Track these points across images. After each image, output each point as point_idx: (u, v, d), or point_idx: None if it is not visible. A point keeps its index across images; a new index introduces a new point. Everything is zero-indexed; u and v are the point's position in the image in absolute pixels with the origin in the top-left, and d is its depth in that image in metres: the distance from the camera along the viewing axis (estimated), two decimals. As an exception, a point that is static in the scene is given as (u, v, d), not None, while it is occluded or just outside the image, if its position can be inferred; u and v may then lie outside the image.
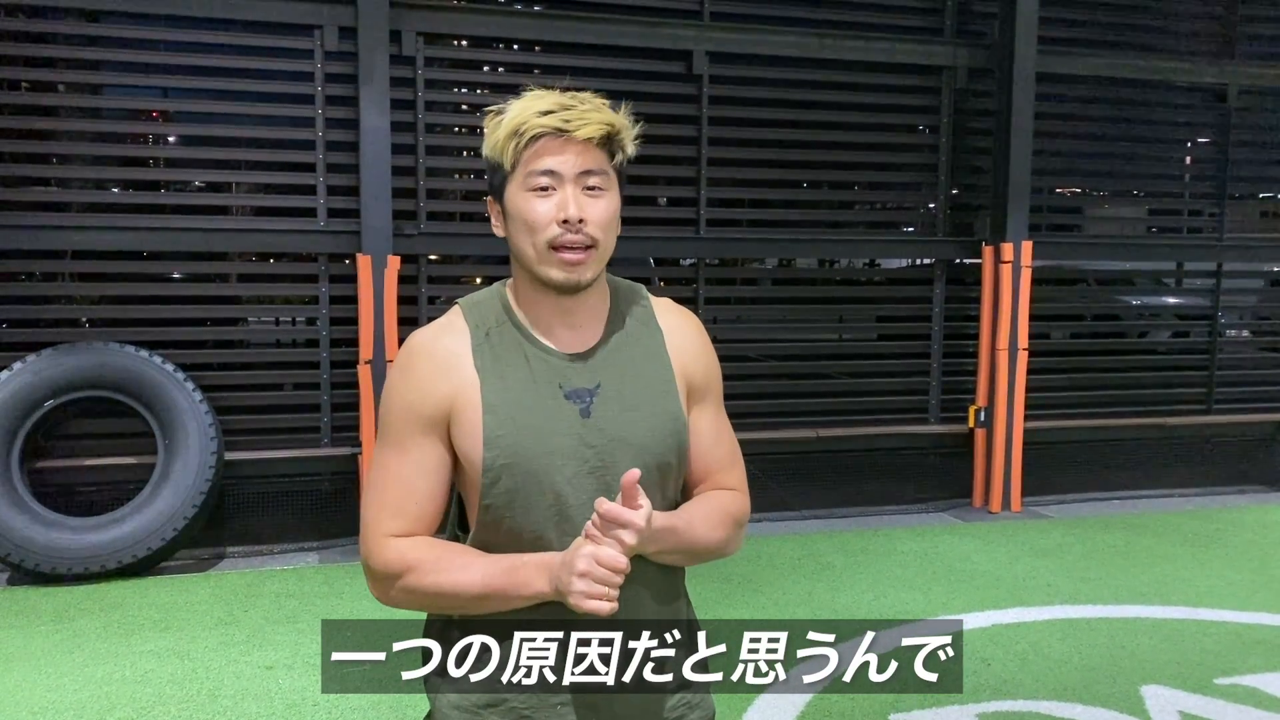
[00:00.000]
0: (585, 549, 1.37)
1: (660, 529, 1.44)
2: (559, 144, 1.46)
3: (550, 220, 1.46)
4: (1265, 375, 7.78)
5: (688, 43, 6.28)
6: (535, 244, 1.48)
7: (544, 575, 1.42)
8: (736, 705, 3.63)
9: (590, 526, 1.39)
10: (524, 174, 1.47)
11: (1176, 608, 4.88)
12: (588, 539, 1.39)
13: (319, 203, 5.79)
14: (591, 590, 1.35)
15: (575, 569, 1.36)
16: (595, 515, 1.38)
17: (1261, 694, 3.91)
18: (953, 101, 6.81)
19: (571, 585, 1.36)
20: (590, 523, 1.39)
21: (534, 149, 1.46)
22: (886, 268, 7.81)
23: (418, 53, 5.83)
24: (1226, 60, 7.31)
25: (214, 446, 5.30)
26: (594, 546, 1.37)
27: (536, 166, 1.46)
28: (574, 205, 1.46)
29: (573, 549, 1.39)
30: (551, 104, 1.47)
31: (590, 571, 1.35)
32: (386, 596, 1.51)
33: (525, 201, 1.48)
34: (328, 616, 4.34)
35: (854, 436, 6.71)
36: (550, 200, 1.47)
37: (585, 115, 1.46)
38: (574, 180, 1.47)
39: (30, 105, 5.65)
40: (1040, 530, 6.26)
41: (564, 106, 1.46)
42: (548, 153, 1.46)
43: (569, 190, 1.47)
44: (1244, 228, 7.75)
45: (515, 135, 1.46)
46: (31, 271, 5.74)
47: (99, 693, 3.85)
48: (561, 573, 1.39)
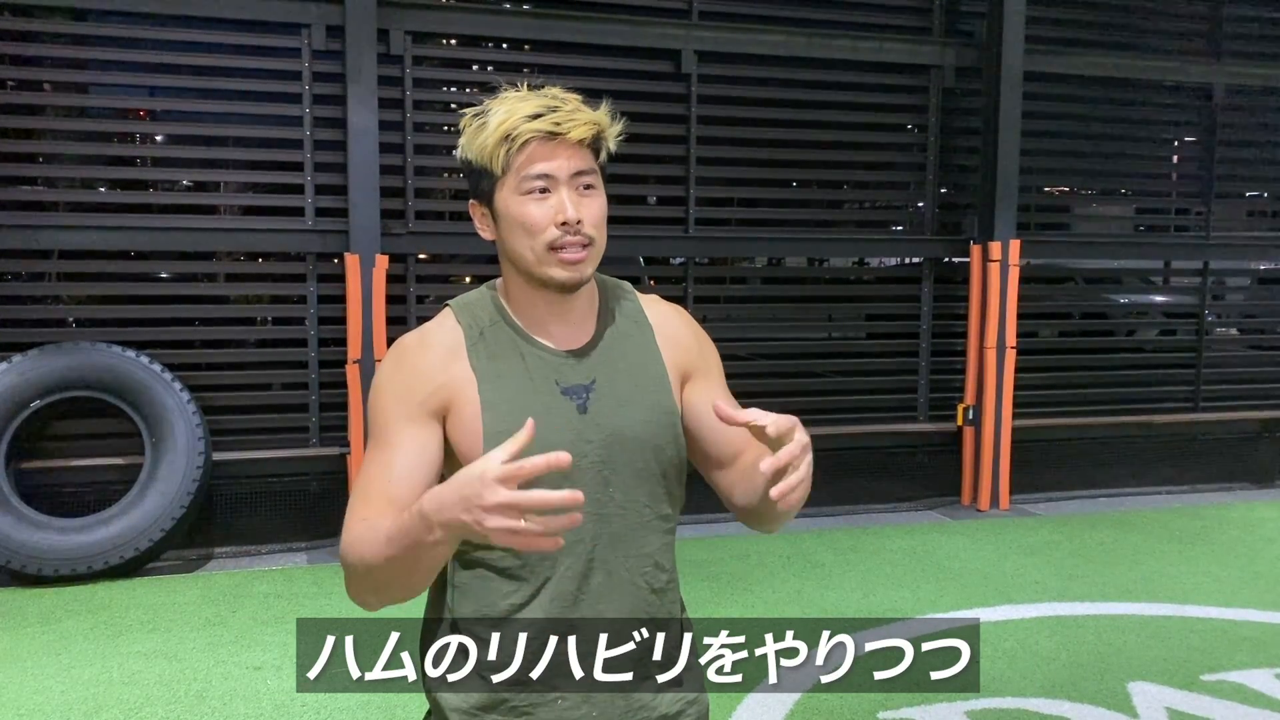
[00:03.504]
0: (491, 473, 1.22)
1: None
2: (550, 147, 1.47)
3: (548, 223, 1.47)
4: (1252, 373, 7.82)
5: (676, 42, 6.27)
6: (534, 247, 1.48)
7: (431, 503, 1.29)
8: (727, 703, 3.64)
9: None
10: (517, 179, 1.47)
11: (1163, 605, 4.90)
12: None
13: (307, 202, 5.77)
14: (504, 526, 1.22)
15: (484, 501, 1.22)
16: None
17: (1247, 690, 3.94)
18: (941, 101, 6.82)
19: (487, 521, 1.22)
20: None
21: (526, 153, 1.47)
22: (875, 267, 7.83)
23: (406, 51, 5.82)
24: (1213, 59, 7.34)
25: (202, 447, 5.28)
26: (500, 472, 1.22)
27: (530, 171, 1.47)
28: (572, 208, 1.47)
29: (477, 476, 1.23)
30: (538, 106, 1.47)
31: (516, 503, 1.21)
32: (350, 590, 1.46)
33: (521, 206, 1.48)
34: (316, 617, 4.33)
35: (843, 435, 6.72)
36: (546, 203, 1.47)
37: (573, 116, 1.47)
38: (568, 182, 1.48)
39: (16, 104, 5.62)
40: (1028, 528, 6.28)
41: (550, 108, 1.47)
42: (540, 157, 1.46)
43: (564, 192, 1.47)
44: (1231, 226, 7.78)
45: (506, 140, 1.46)
46: (18, 271, 5.71)
47: (86, 694, 3.84)
48: (459, 509, 1.24)
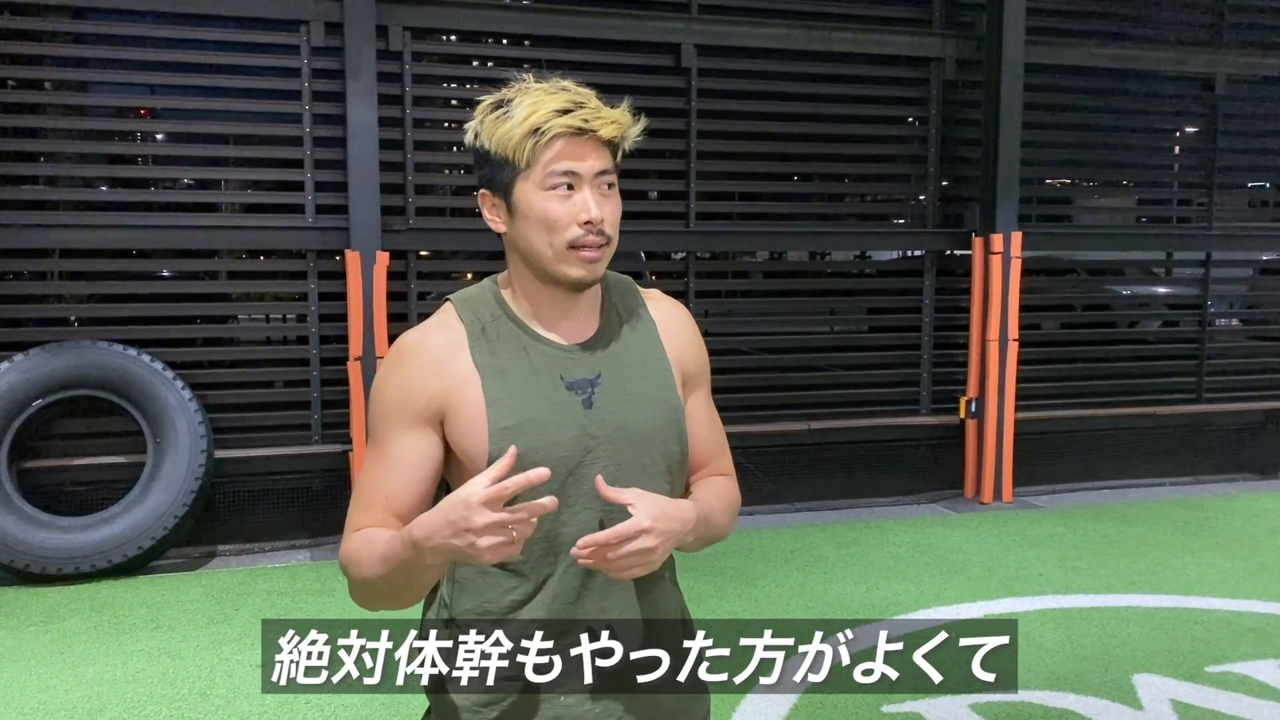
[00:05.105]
0: (476, 497, 1.27)
1: (699, 520, 1.47)
2: (578, 144, 1.46)
3: (570, 221, 1.46)
4: (1255, 364, 7.80)
5: (676, 36, 6.26)
6: (554, 243, 1.47)
7: (421, 530, 1.34)
8: (729, 701, 3.63)
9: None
10: (542, 174, 1.46)
11: (1168, 596, 4.90)
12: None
13: (307, 199, 5.76)
14: (496, 543, 1.28)
15: (472, 525, 1.27)
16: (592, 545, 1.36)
17: (1252, 681, 3.93)
18: (941, 93, 6.81)
19: (479, 543, 1.28)
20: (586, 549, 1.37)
21: (554, 149, 1.45)
22: (877, 260, 7.81)
23: (405, 47, 5.81)
24: (1214, 49, 7.32)
25: (204, 445, 5.28)
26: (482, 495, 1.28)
27: (557, 167, 1.45)
28: (595, 207, 1.46)
29: (459, 504, 1.29)
30: (566, 102, 1.45)
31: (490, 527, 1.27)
32: (353, 596, 1.52)
33: (544, 201, 1.46)
34: (320, 615, 4.34)
35: (845, 429, 6.72)
36: (570, 201, 1.46)
37: (601, 114, 1.46)
38: (591, 181, 1.47)
39: (16, 103, 5.62)
40: (1031, 520, 6.27)
41: (578, 104, 1.46)
42: (568, 154, 1.45)
43: (588, 191, 1.47)
44: (1233, 217, 7.76)
45: (534, 134, 1.44)
46: (19, 270, 5.70)
47: (90, 693, 3.84)
48: (448, 534, 1.30)
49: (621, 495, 1.41)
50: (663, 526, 1.40)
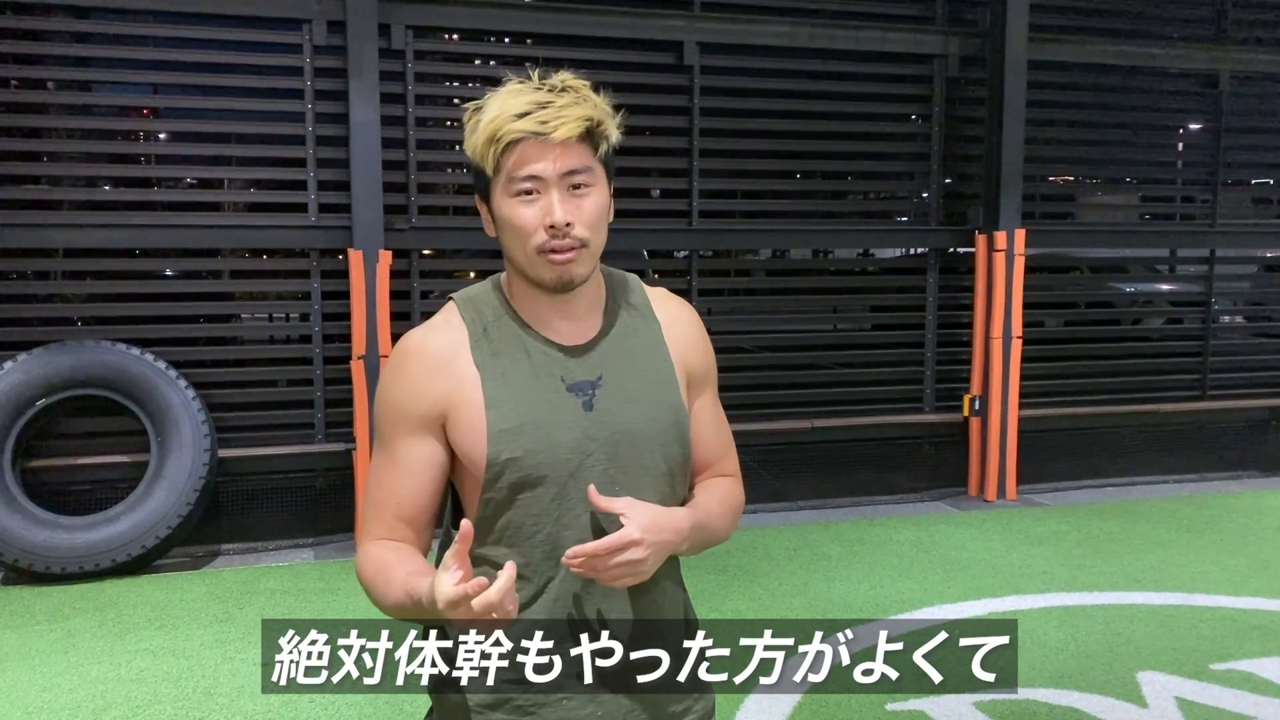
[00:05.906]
0: (449, 592, 1.27)
1: (693, 527, 1.48)
2: (539, 147, 1.42)
3: (536, 226, 1.43)
4: (1259, 361, 7.78)
5: (678, 33, 6.25)
6: (525, 249, 1.45)
7: (428, 596, 1.34)
8: (732, 700, 3.63)
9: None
10: (506, 180, 1.44)
11: (1172, 594, 4.89)
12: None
13: (310, 198, 5.76)
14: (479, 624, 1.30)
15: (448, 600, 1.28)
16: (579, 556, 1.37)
17: (1257, 678, 3.92)
18: (945, 90, 6.80)
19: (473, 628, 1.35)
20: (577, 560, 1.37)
21: (514, 154, 1.42)
22: (880, 257, 7.80)
23: (407, 46, 5.81)
24: (1217, 46, 7.30)
25: (207, 444, 5.28)
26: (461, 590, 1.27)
27: (518, 173, 1.43)
28: (559, 210, 1.42)
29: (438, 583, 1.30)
30: (527, 104, 1.41)
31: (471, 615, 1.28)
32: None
33: (510, 208, 1.45)
34: (324, 614, 4.36)
35: (849, 426, 6.71)
36: (535, 205, 1.43)
37: (562, 113, 1.41)
38: (557, 183, 1.43)
39: (20, 103, 5.62)
40: (1035, 518, 6.26)
41: (540, 105, 1.41)
42: (528, 158, 1.42)
43: (554, 195, 1.43)
44: (1236, 214, 7.74)
45: (493, 141, 1.42)
46: (23, 270, 5.71)
47: (94, 692, 3.84)
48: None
49: (613, 505, 1.41)
50: (653, 538, 1.40)
